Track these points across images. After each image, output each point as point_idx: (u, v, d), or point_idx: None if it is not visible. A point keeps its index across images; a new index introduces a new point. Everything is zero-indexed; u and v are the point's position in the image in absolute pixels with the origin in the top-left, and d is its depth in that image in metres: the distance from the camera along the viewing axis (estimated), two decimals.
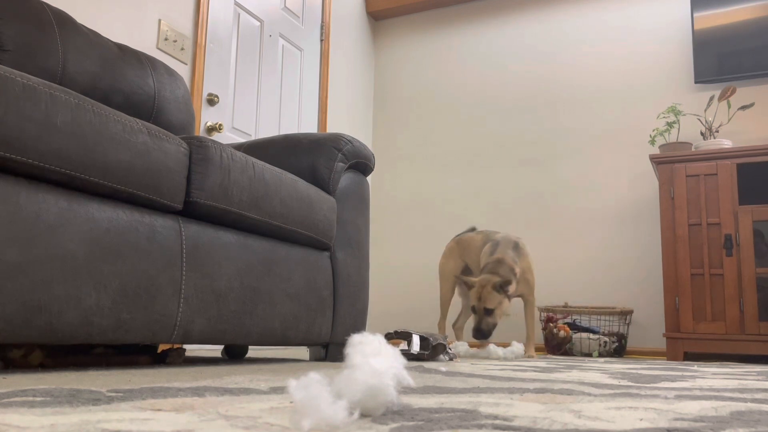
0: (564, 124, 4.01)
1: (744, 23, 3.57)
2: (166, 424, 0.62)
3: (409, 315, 4.17)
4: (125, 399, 0.81)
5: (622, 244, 3.74)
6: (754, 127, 3.52)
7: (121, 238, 1.32)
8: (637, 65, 3.88)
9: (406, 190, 4.37)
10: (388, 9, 4.54)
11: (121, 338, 1.34)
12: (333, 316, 2.06)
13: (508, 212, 4.05)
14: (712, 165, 3.15)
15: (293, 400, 0.62)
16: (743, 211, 3.05)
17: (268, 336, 1.76)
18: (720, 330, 3.00)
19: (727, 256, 3.04)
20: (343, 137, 2.17)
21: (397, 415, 0.70)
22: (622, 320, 3.48)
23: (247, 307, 1.67)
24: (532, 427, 0.65)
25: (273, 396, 0.90)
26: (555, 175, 3.97)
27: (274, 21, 3.53)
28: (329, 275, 2.06)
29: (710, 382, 1.43)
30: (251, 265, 1.69)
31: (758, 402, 0.99)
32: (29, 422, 0.60)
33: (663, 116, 3.59)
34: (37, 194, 1.17)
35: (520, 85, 4.17)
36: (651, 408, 0.86)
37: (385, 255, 4.32)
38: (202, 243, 1.54)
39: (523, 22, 4.25)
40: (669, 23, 3.84)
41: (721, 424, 0.72)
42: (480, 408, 0.80)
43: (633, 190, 3.76)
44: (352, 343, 0.74)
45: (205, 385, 1.03)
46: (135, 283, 1.35)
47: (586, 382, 1.31)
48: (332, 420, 0.60)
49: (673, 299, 3.11)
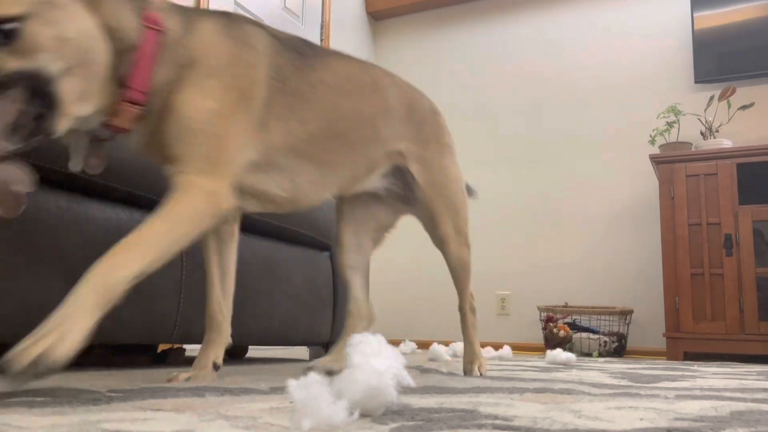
0: (564, 123, 4.01)
1: (744, 23, 3.57)
2: (166, 424, 0.62)
3: (409, 315, 4.17)
4: (125, 399, 0.81)
5: (622, 244, 3.74)
6: (754, 127, 3.52)
7: (120, 238, 1.32)
8: (637, 65, 3.87)
9: None
10: (388, 9, 4.54)
11: (121, 338, 1.33)
12: (333, 316, 2.06)
13: (508, 212, 4.05)
14: (712, 165, 3.15)
15: (293, 400, 0.62)
16: (743, 211, 3.05)
17: (268, 336, 1.76)
18: (720, 330, 3.00)
19: (727, 256, 3.04)
20: None
21: (397, 415, 0.70)
22: (622, 320, 3.48)
23: (247, 307, 1.67)
24: (532, 427, 0.65)
25: (273, 396, 0.90)
26: (555, 174, 3.97)
27: (274, 21, 3.53)
28: (329, 275, 2.06)
29: (710, 382, 1.43)
30: (251, 265, 1.69)
31: (758, 402, 0.99)
32: (29, 422, 0.60)
33: (663, 116, 3.59)
34: (37, 194, 1.17)
35: (520, 85, 4.17)
36: (651, 408, 0.86)
37: (385, 255, 4.32)
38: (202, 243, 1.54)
39: (522, 22, 4.25)
40: (669, 23, 3.83)
41: (721, 424, 0.72)
42: (480, 408, 0.80)
43: (633, 190, 3.76)
44: (352, 343, 0.74)
45: (205, 385, 1.03)
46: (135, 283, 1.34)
47: (586, 382, 1.31)
48: (332, 420, 0.60)
49: (673, 299, 3.11)
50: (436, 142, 1.51)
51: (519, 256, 3.97)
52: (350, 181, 1.35)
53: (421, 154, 1.46)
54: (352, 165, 1.33)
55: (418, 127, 1.47)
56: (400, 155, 1.43)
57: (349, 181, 1.35)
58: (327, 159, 1.26)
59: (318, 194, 1.28)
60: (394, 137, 1.41)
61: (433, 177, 1.48)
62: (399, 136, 1.42)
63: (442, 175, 1.50)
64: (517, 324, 3.88)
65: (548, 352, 2.38)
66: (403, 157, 1.43)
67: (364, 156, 1.34)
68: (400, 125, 1.42)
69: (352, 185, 1.38)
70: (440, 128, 1.55)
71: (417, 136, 1.46)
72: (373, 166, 1.39)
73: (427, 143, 1.48)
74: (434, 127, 1.52)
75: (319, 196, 1.28)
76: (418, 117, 1.48)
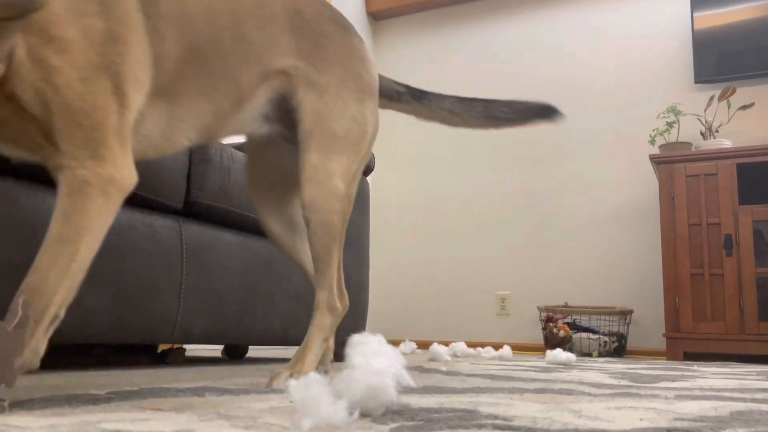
0: (564, 123, 4.01)
1: (744, 23, 3.57)
2: (166, 424, 0.62)
3: (409, 315, 4.17)
4: (125, 399, 0.81)
5: (622, 244, 3.74)
6: (754, 127, 3.52)
7: (121, 238, 1.32)
8: (637, 65, 3.87)
9: (406, 190, 4.37)
10: (388, 9, 4.54)
11: (121, 338, 1.33)
12: None
13: (508, 212, 4.05)
14: (712, 165, 3.15)
15: (293, 400, 0.62)
16: (743, 211, 3.05)
17: (268, 336, 1.76)
18: (720, 330, 3.00)
19: (727, 256, 3.04)
20: None
21: (397, 415, 0.70)
22: (622, 320, 3.48)
23: (247, 307, 1.67)
24: (532, 427, 0.65)
25: (273, 396, 0.90)
26: (555, 174, 3.97)
27: None
28: None
29: (710, 382, 1.43)
30: (251, 265, 1.69)
31: (758, 402, 0.99)
32: (29, 422, 0.60)
33: (663, 116, 3.59)
34: (37, 194, 1.17)
35: (520, 85, 4.17)
36: (651, 408, 0.86)
37: (385, 255, 4.32)
38: (202, 243, 1.54)
39: (522, 22, 4.25)
40: (669, 23, 3.83)
41: (721, 424, 0.72)
42: (480, 408, 0.80)
43: (633, 190, 3.76)
44: (352, 343, 0.74)
45: (205, 385, 1.03)
46: (135, 283, 1.35)
47: (586, 382, 1.31)
48: (332, 420, 0.60)
49: (673, 299, 3.11)
50: (339, 67, 1.11)
51: (519, 256, 3.97)
52: (214, 119, 0.99)
53: (315, 77, 1.08)
54: (212, 95, 0.97)
55: (314, 42, 1.09)
56: (284, 77, 1.07)
57: (213, 119, 0.99)
58: (177, 90, 0.92)
59: (169, 142, 0.96)
60: (273, 50, 1.04)
61: (322, 106, 1.08)
62: (281, 50, 1.05)
63: (338, 108, 1.09)
64: (517, 324, 3.88)
65: (548, 352, 2.37)
66: (290, 79, 1.07)
67: (229, 80, 0.98)
68: (283, 34, 1.06)
69: (218, 126, 1.02)
70: (350, 51, 1.15)
71: (311, 52, 1.09)
72: (243, 96, 1.02)
73: (326, 65, 1.10)
74: (340, 47, 1.13)
75: (171, 144, 0.96)
76: (312, 27, 1.10)
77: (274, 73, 1.05)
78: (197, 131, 0.98)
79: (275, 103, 1.08)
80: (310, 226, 1.08)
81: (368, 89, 1.17)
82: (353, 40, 1.16)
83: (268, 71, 1.03)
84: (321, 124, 1.07)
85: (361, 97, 1.14)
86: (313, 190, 1.06)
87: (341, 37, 1.14)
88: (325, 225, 1.08)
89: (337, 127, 1.09)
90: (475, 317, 3.97)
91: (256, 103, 1.05)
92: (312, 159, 1.06)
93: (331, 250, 1.10)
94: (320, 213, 1.07)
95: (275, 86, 1.06)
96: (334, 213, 1.08)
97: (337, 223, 1.10)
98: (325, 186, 1.07)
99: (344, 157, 1.10)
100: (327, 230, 1.08)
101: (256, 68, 1.01)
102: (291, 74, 1.06)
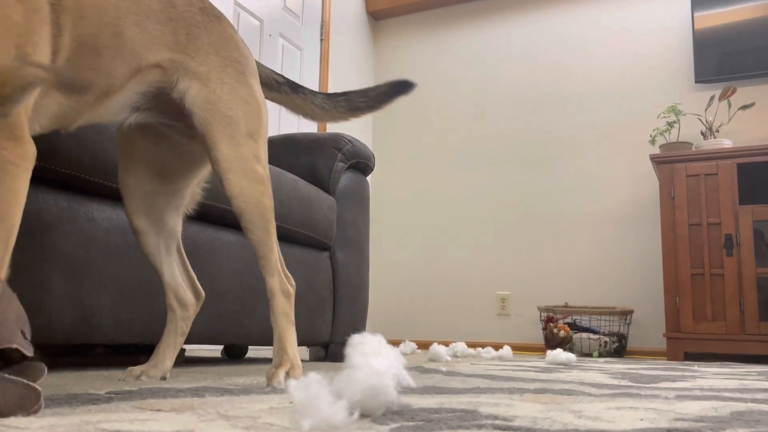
0: (564, 123, 4.01)
1: (744, 23, 3.57)
2: (166, 424, 0.62)
3: (409, 315, 4.17)
4: (125, 399, 0.81)
5: (622, 244, 3.74)
6: (754, 127, 3.52)
7: (120, 238, 1.32)
8: (637, 65, 3.87)
9: (406, 190, 4.37)
10: (388, 9, 4.54)
11: (121, 338, 1.33)
12: (333, 316, 2.06)
13: (508, 212, 4.05)
14: (713, 165, 3.15)
15: (293, 400, 0.62)
16: (743, 211, 3.05)
17: (268, 336, 1.76)
18: (720, 330, 3.00)
19: (727, 256, 3.04)
20: (343, 137, 2.17)
21: (397, 415, 0.70)
22: (623, 320, 3.48)
23: (246, 307, 1.67)
24: (532, 428, 0.65)
25: (273, 396, 0.90)
26: (555, 174, 3.97)
27: (274, 20, 3.53)
28: (329, 275, 2.06)
29: (710, 382, 1.42)
30: (251, 265, 1.69)
31: (758, 402, 0.99)
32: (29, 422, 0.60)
33: (663, 116, 3.59)
34: (37, 194, 1.17)
35: (520, 85, 4.17)
36: (651, 408, 0.86)
37: (385, 255, 4.32)
38: (202, 243, 1.54)
39: (523, 22, 4.25)
40: (669, 23, 3.83)
41: (722, 424, 0.72)
42: (480, 408, 0.80)
43: (633, 190, 3.76)
44: (352, 343, 0.74)
45: (205, 385, 1.03)
46: (135, 283, 1.35)
47: (586, 382, 1.31)
48: (332, 420, 0.60)
49: (674, 299, 3.11)
50: (216, 55, 1.13)
51: (519, 256, 3.97)
52: (72, 110, 0.98)
53: (193, 67, 1.09)
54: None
55: (187, 33, 1.10)
56: (159, 70, 1.07)
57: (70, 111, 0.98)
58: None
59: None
60: (149, 45, 1.04)
61: (210, 94, 1.10)
62: (157, 45, 1.06)
63: (226, 94, 1.12)
64: (517, 324, 3.88)
65: (548, 352, 2.37)
66: (165, 72, 1.08)
67: (101, 75, 0.98)
68: (158, 28, 1.06)
69: (76, 116, 1.00)
70: (224, 38, 1.17)
71: (186, 43, 1.10)
72: (110, 90, 1.01)
73: (202, 54, 1.11)
74: (214, 35, 1.15)
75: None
76: (185, 17, 1.11)
77: (149, 67, 1.05)
78: (51, 119, 0.97)
79: (148, 95, 1.09)
80: (245, 216, 1.11)
81: (250, 71, 1.19)
82: (225, 28, 1.18)
83: (141, 65, 1.04)
84: (215, 113, 1.10)
85: (246, 80, 1.17)
86: (236, 180, 1.09)
87: (213, 26, 1.16)
88: (260, 210, 1.12)
89: (233, 112, 1.11)
90: (475, 317, 3.97)
91: (123, 96, 1.06)
92: (223, 150, 1.09)
93: (270, 233, 1.13)
94: (250, 199, 1.10)
95: (150, 80, 1.07)
96: (263, 196, 1.12)
97: (269, 205, 1.13)
98: (246, 173, 1.10)
99: (251, 140, 1.13)
100: (262, 214, 1.12)
101: (129, 63, 1.02)
102: (166, 67, 1.07)
